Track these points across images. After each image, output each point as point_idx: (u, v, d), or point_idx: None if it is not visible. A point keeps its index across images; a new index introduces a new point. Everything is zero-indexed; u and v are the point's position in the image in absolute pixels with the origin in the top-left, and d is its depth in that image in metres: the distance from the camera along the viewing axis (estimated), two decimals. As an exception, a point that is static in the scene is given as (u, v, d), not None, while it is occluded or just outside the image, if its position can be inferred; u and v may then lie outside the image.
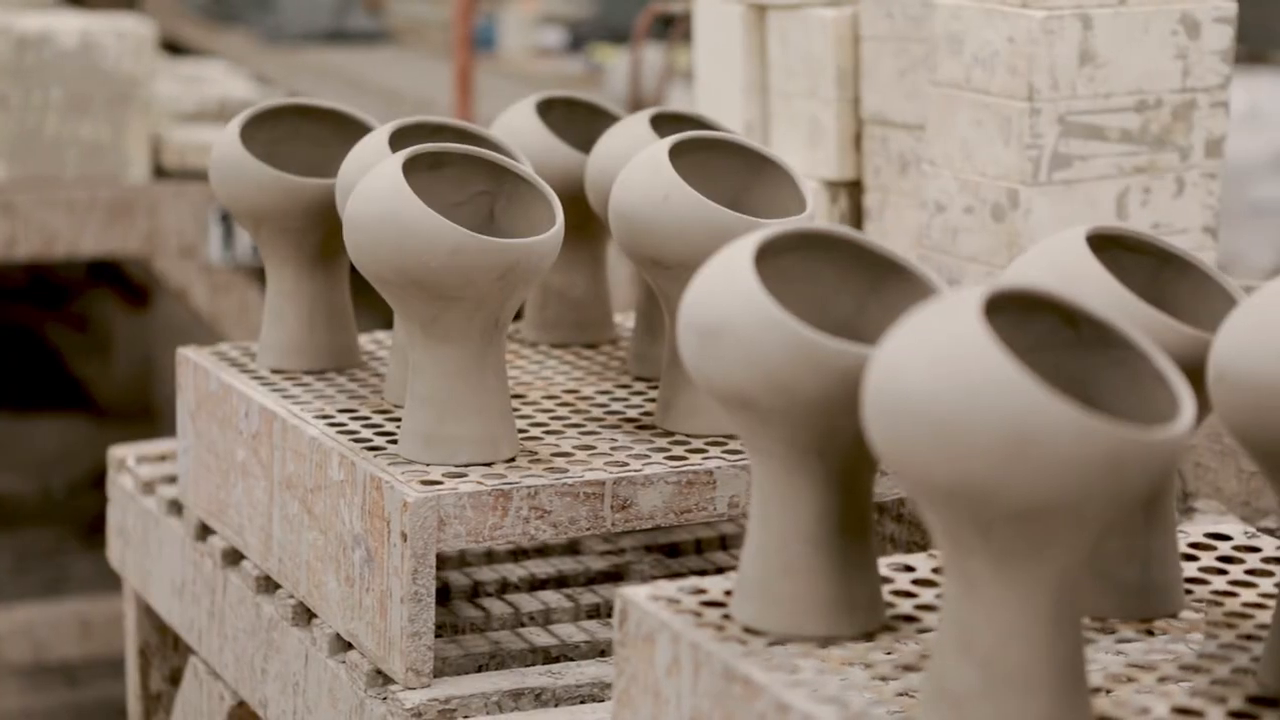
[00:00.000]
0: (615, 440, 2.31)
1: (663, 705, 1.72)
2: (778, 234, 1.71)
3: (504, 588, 2.50)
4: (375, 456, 2.21)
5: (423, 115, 2.54)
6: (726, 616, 1.73)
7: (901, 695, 1.57)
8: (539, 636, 2.33)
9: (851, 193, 3.20)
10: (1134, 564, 1.75)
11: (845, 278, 1.76)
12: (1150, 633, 1.74)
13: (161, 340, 7.34)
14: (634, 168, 2.31)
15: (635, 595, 1.78)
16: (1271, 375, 1.50)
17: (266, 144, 2.59)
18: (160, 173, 5.32)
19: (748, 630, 1.70)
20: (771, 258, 1.74)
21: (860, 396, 1.53)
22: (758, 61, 3.32)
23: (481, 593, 2.48)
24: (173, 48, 8.11)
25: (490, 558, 2.61)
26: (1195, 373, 1.65)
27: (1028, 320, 1.53)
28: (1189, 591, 1.83)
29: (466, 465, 2.18)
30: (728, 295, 1.63)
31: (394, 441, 2.26)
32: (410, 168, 2.20)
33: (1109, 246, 1.82)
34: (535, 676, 2.19)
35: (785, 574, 1.69)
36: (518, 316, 2.98)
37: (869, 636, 1.70)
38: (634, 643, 1.76)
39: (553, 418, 2.40)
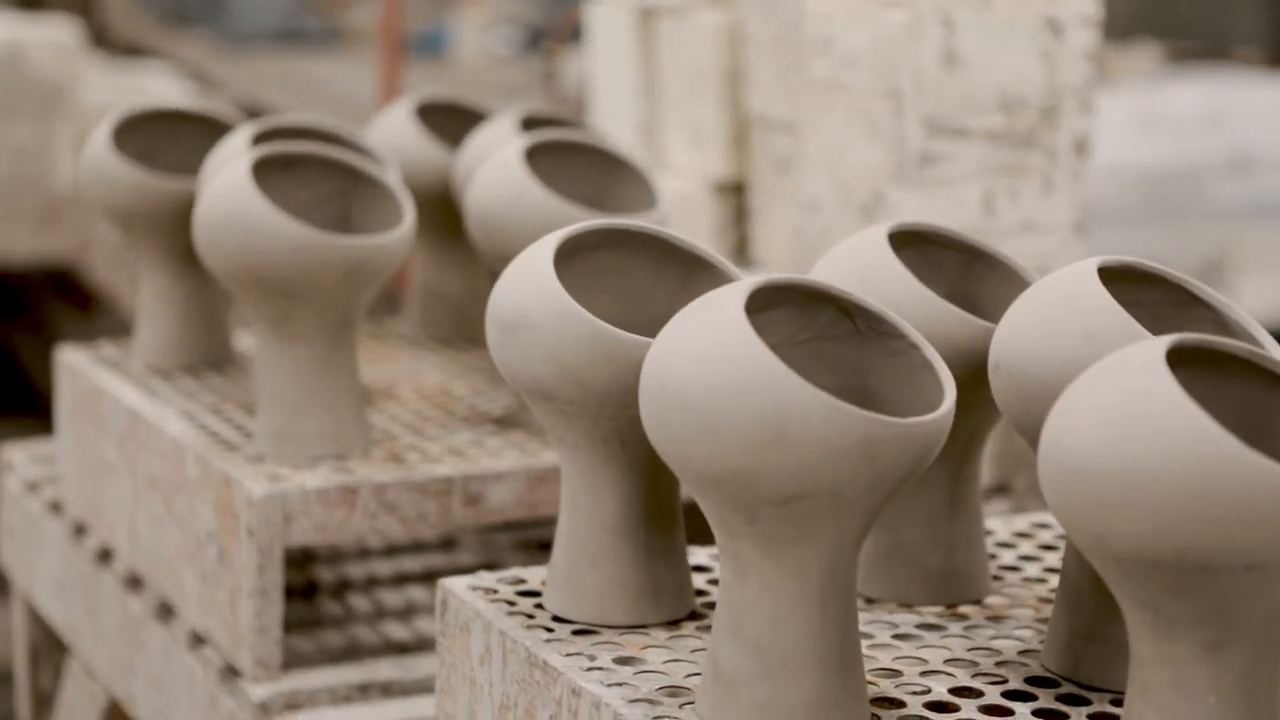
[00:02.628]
0: (472, 437, 2.35)
1: (478, 693, 1.76)
2: (582, 231, 1.75)
3: (371, 583, 2.54)
4: (229, 454, 2.24)
5: (291, 117, 2.59)
6: (539, 606, 1.77)
7: (692, 676, 1.61)
8: (397, 631, 2.37)
9: (737, 193, 3.25)
10: (938, 551, 1.79)
11: (658, 273, 1.80)
12: (955, 617, 1.78)
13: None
14: (488, 168, 2.35)
15: (454, 585, 1.82)
16: (1037, 365, 1.54)
17: (141, 146, 2.62)
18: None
19: (557, 619, 1.74)
20: (584, 254, 1.78)
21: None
22: (647, 65, 3.36)
23: (348, 588, 2.52)
24: (131, 51, 8.15)
25: (364, 554, 2.65)
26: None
27: (808, 313, 1.58)
28: (999, 578, 1.87)
29: (317, 461, 2.22)
30: (526, 290, 1.67)
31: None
32: (263, 169, 2.24)
33: (918, 243, 1.86)
34: (385, 669, 2.23)
35: (591, 563, 1.73)
36: (397, 313, 3.02)
37: (676, 623, 1.74)
38: (453, 632, 1.80)
39: (417, 415, 2.44)
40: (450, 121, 2.84)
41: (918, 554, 1.80)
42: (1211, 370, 1.41)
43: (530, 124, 2.64)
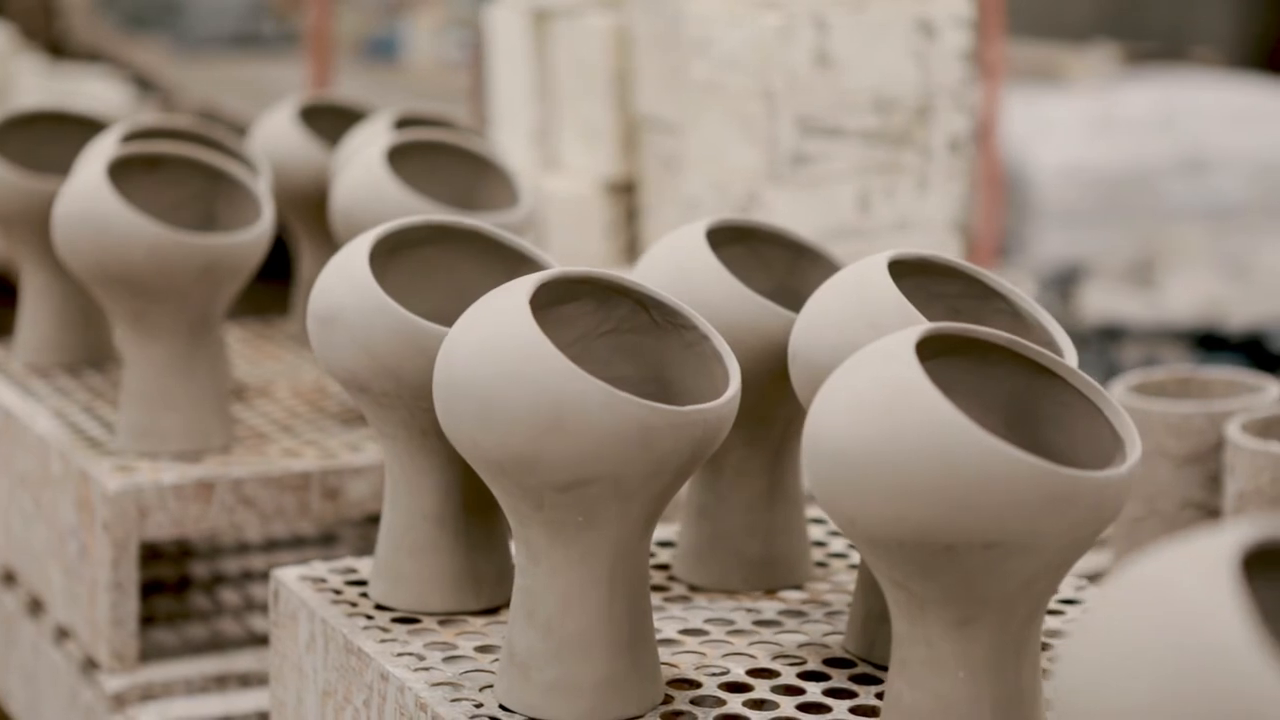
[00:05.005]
0: (341, 434, 2.38)
1: (304, 680, 1.80)
2: (403, 227, 1.79)
3: (246, 577, 2.58)
4: (90, 451, 2.28)
5: (166, 119, 2.62)
6: (365, 595, 1.81)
7: (498, 661, 1.65)
8: (261, 624, 2.40)
9: (628, 193, 3.29)
10: (756, 538, 1.83)
11: (484, 269, 1.84)
12: (772, 603, 1.82)
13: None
14: (352, 168, 2.39)
15: (285, 576, 1.85)
16: (828, 355, 1.58)
17: (22, 148, 2.66)
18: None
19: (380, 607, 1.78)
20: (411, 250, 1.82)
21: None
22: (541, 68, 3.40)
23: (220, 582, 2.55)
24: (92, 57, 8.17)
25: (242, 549, 2.69)
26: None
27: (607, 305, 1.62)
28: (824, 565, 1.91)
29: (177, 457, 2.26)
30: (341, 284, 1.71)
31: (117, 436, 2.33)
32: (126, 170, 2.28)
33: (748, 239, 1.90)
34: (245, 661, 2.27)
35: (411, 552, 1.77)
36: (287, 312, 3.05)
37: (495, 611, 1.78)
38: (283, 621, 1.84)
39: (289, 412, 2.48)
40: (337, 123, 2.88)
41: (737, 542, 1.84)
42: (976, 359, 1.45)
43: (406, 124, 2.68)
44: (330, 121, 2.87)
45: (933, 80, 2.86)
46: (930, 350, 1.44)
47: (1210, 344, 5.66)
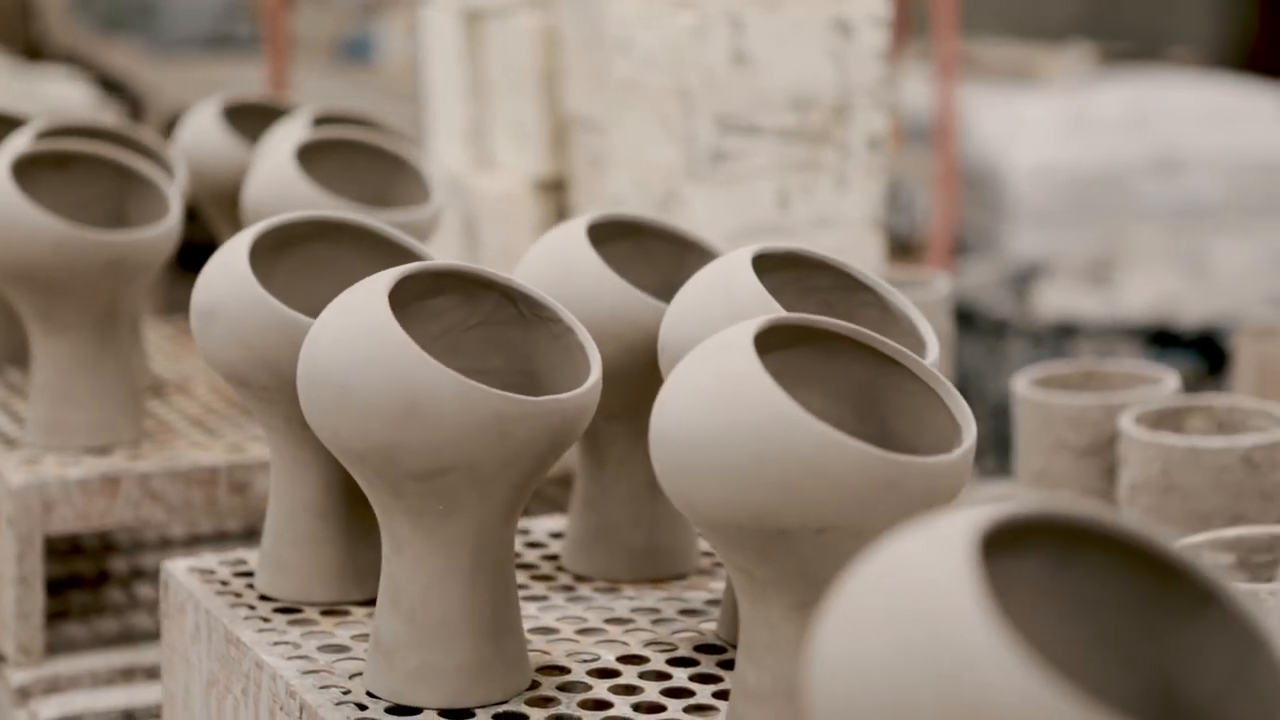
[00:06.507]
0: (254, 430, 2.40)
1: (191, 671, 1.83)
2: (288, 222, 1.81)
3: (164, 573, 2.60)
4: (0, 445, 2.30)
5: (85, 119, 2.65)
6: (250, 586, 1.84)
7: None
8: (174, 617, 2.43)
9: (558, 191, 3.31)
10: (641, 529, 1.86)
11: (370, 264, 1.87)
12: (654, 592, 1.84)
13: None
14: (262, 166, 2.41)
15: (175, 568, 1.88)
16: (689, 347, 1.61)
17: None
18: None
19: (264, 598, 1.81)
20: (299, 245, 1.84)
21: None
22: (474, 67, 3.42)
23: (138, 577, 2.58)
24: (70, 59, 8.19)
25: (165, 544, 2.71)
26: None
27: (474, 299, 1.64)
28: (710, 554, 1.94)
29: (85, 452, 2.28)
30: (220, 278, 1.74)
31: (30, 431, 2.35)
32: (36, 168, 2.30)
33: (636, 235, 1.93)
34: (153, 654, 2.29)
35: (294, 543, 1.79)
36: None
37: (375, 601, 1.80)
38: (172, 613, 1.87)
39: (204, 408, 2.50)
40: (263, 122, 2.90)
41: (621, 532, 1.86)
42: (826, 350, 1.48)
43: (324, 123, 2.71)
44: (257, 120, 2.90)
45: (850, 79, 2.89)
46: (781, 341, 1.46)
47: (1163, 341, 5.70)
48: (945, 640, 0.81)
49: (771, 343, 1.46)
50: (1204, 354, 5.67)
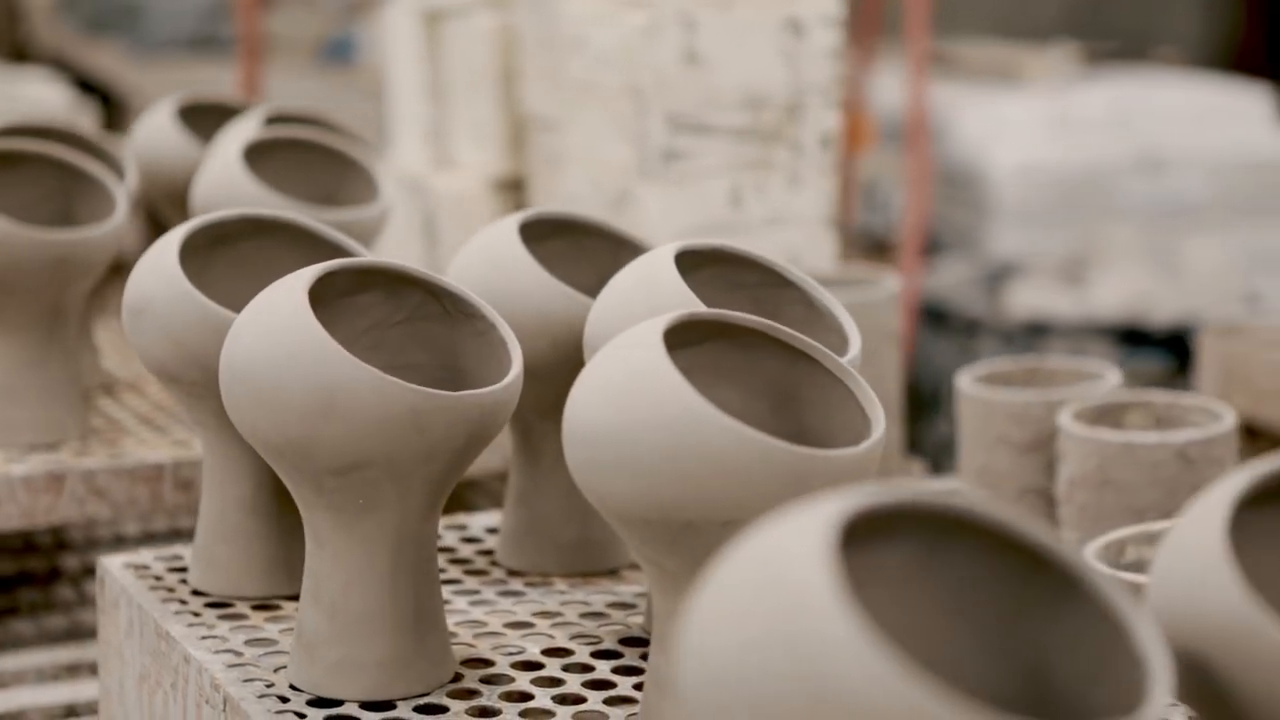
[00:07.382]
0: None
1: (125, 666, 1.84)
2: (220, 219, 1.82)
3: (115, 570, 2.61)
4: (-56, 443, 2.31)
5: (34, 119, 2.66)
6: (184, 581, 1.85)
7: (299, 645, 1.69)
8: (123, 614, 2.44)
9: (517, 190, 3.33)
10: (573, 524, 1.87)
11: (304, 262, 1.88)
12: (585, 586, 1.86)
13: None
14: (210, 165, 2.42)
15: (110, 564, 1.89)
16: (603, 341, 1.62)
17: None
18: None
19: (196, 593, 1.82)
20: (232, 243, 1.86)
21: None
22: (434, 67, 3.44)
23: (90, 574, 2.59)
24: (55, 61, 8.20)
25: (118, 541, 2.72)
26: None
27: (399, 295, 1.65)
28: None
29: (30, 449, 2.29)
30: (151, 275, 1.75)
31: (-25, 429, 2.36)
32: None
33: (570, 232, 1.94)
34: (96, 650, 2.30)
35: (225, 539, 1.80)
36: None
37: (309, 595, 1.81)
38: (108, 609, 1.88)
39: (154, 406, 2.51)
40: (219, 121, 2.91)
41: (553, 527, 1.87)
42: (742, 345, 1.49)
43: (276, 122, 2.72)
44: (215, 120, 2.91)
45: (802, 78, 2.90)
46: (697, 336, 1.48)
47: (1134, 339, 5.72)
48: (802, 630, 0.82)
49: (687, 338, 1.47)
50: (1174, 353, 5.69)
